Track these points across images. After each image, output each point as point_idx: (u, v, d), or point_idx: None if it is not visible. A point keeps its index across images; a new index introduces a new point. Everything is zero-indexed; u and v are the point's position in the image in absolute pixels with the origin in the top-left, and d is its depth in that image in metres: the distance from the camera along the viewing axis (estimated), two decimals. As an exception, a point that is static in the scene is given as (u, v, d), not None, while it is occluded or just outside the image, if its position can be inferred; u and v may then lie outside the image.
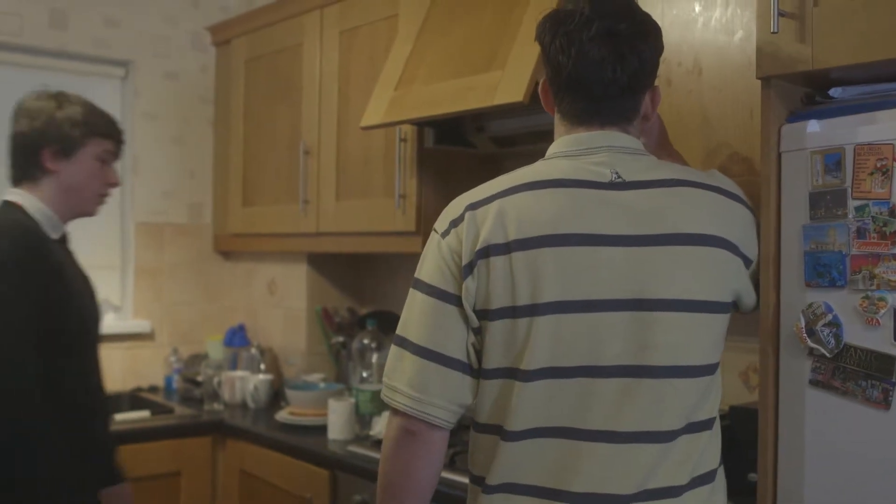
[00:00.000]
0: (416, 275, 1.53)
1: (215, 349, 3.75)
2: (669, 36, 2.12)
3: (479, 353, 1.49)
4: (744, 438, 1.89)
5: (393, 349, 1.53)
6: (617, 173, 1.49)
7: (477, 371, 1.50)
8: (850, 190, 1.51)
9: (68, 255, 2.22)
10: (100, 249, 3.81)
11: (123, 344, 3.83)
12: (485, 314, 1.46)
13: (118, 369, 3.81)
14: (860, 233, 1.49)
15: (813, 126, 1.57)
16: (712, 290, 1.48)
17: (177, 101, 3.99)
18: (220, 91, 4.02)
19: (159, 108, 3.94)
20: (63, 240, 2.21)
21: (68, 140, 2.12)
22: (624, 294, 1.43)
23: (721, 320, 1.51)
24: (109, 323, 3.84)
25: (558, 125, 1.58)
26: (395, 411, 1.51)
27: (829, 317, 1.53)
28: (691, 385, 1.46)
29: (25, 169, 2.14)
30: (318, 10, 3.32)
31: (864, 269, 1.49)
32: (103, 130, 2.18)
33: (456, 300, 1.47)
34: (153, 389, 3.84)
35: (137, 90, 3.88)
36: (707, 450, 1.50)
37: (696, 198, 1.51)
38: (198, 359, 3.78)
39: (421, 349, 1.48)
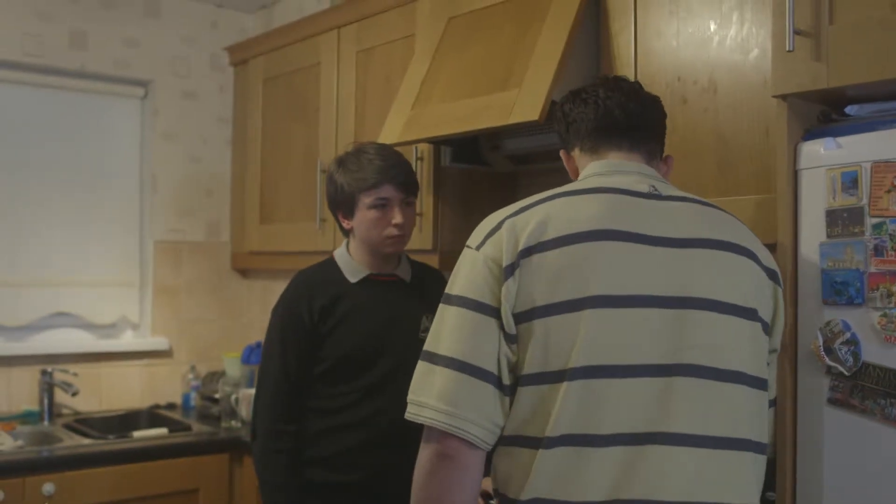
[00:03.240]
0: (447, 290, 1.49)
1: (233, 366, 3.77)
2: (685, 54, 2.13)
3: (512, 367, 1.43)
4: (762, 457, 1.88)
5: (420, 366, 1.47)
6: (654, 187, 1.52)
7: (508, 388, 1.43)
8: (867, 207, 1.51)
9: None
10: (118, 267, 3.84)
11: (141, 361, 3.85)
12: (528, 315, 1.41)
13: (136, 386, 3.83)
14: (878, 250, 1.49)
15: (829, 144, 1.57)
16: (753, 299, 1.47)
17: (195, 121, 4.02)
18: (238, 110, 4.05)
19: (178, 127, 3.97)
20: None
21: None
22: (667, 291, 1.41)
23: (762, 335, 1.48)
24: (128, 340, 3.87)
25: (584, 159, 1.63)
26: (428, 436, 1.44)
27: (847, 335, 1.53)
28: (739, 393, 1.42)
29: None
30: (335, 31, 3.35)
31: (882, 286, 1.48)
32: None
33: (492, 311, 1.42)
34: (171, 407, 3.85)
35: (156, 110, 3.91)
36: (752, 475, 1.45)
37: (722, 216, 1.54)
38: (215, 376, 3.79)
39: (453, 361, 1.42)
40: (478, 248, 1.48)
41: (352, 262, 2.31)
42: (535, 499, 1.39)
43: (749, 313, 1.46)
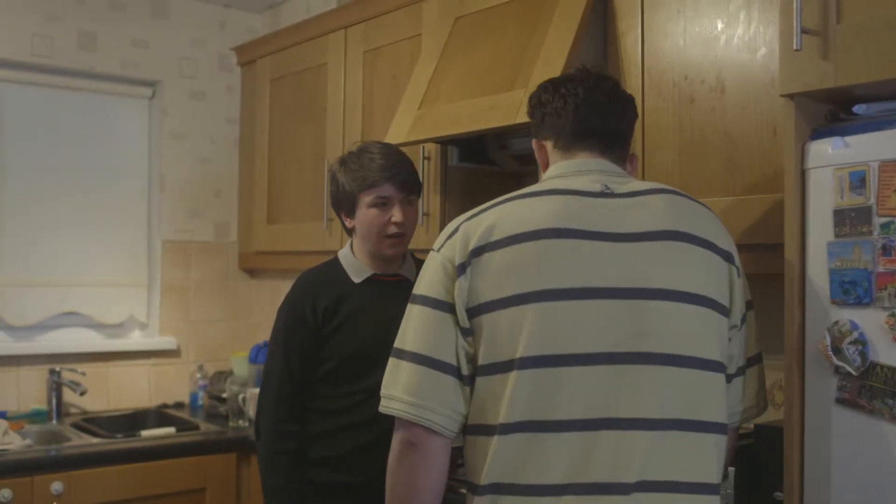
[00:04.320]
0: (413, 291, 1.60)
1: (240, 366, 3.77)
2: (692, 53, 2.13)
3: (471, 358, 1.52)
4: (769, 457, 1.87)
5: (390, 362, 1.58)
6: (606, 186, 1.57)
7: (468, 378, 1.53)
8: (874, 207, 1.50)
9: None
10: (127, 267, 3.85)
11: (149, 361, 3.87)
12: (478, 310, 1.50)
13: (144, 386, 3.84)
14: (886, 250, 1.49)
15: (837, 143, 1.57)
16: (706, 286, 1.50)
17: (203, 121, 4.03)
18: (246, 110, 4.06)
19: (186, 127, 3.98)
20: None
21: None
22: (617, 283, 1.47)
23: (718, 318, 1.52)
24: (136, 340, 3.88)
25: (555, 155, 1.67)
26: (397, 426, 1.55)
27: (855, 334, 1.52)
28: (693, 376, 1.46)
29: None
30: (342, 30, 3.35)
31: (890, 286, 1.48)
32: None
33: (448, 307, 1.53)
34: (179, 406, 3.87)
35: (165, 110, 3.92)
36: (710, 455, 1.49)
37: (685, 203, 1.58)
38: (223, 375, 3.81)
39: (417, 356, 1.53)
40: (438, 250, 1.59)
41: (356, 262, 2.31)
42: (493, 483, 1.47)
43: (703, 300, 1.50)
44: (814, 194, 1.60)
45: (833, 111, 1.65)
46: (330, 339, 2.23)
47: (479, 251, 1.51)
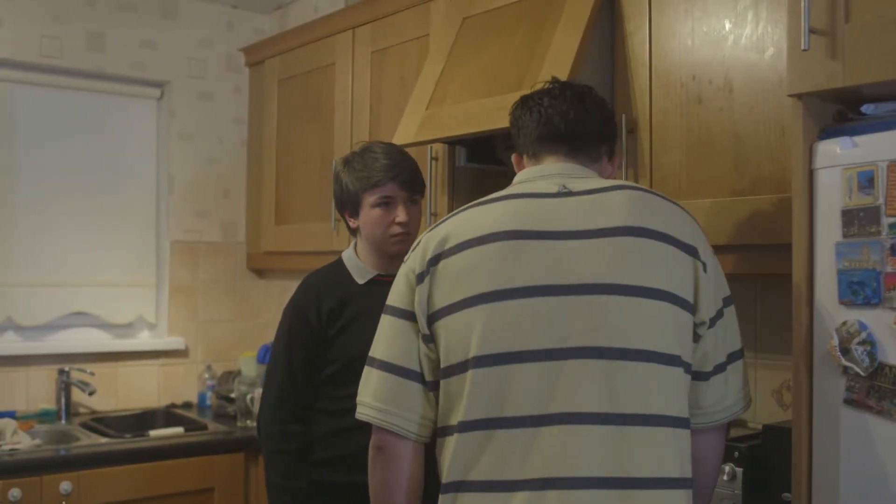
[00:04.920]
0: (385, 302, 1.66)
1: (248, 366, 3.78)
2: (700, 53, 2.12)
3: (434, 364, 1.58)
4: (777, 457, 1.87)
5: (364, 370, 1.66)
6: (564, 186, 1.59)
7: (432, 383, 1.58)
8: (883, 207, 1.50)
9: None
10: (135, 267, 3.86)
11: (158, 361, 3.88)
12: (435, 316, 1.55)
13: (153, 386, 3.85)
14: (894, 250, 1.48)
15: (845, 143, 1.57)
16: (665, 280, 1.49)
17: (211, 122, 4.04)
18: (254, 111, 4.07)
19: (194, 128, 4.00)
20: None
21: None
22: (566, 280, 1.48)
23: (677, 312, 1.50)
24: (144, 340, 3.89)
25: (528, 164, 1.72)
26: (371, 432, 1.63)
27: (864, 335, 1.52)
28: (649, 370, 1.46)
29: None
30: (349, 31, 3.36)
31: (899, 286, 1.47)
32: None
33: (409, 315, 1.59)
34: (187, 406, 3.88)
35: (173, 111, 3.94)
36: (671, 449, 1.47)
37: (646, 198, 1.58)
38: (231, 375, 3.82)
39: (383, 363, 1.61)
40: (405, 262, 1.66)
41: (359, 264, 2.32)
42: (453, 481, 1.51)
43: (660, 294, 1.49)
44: (822, 194, 1.60)
45: (841, 111, 1.65)
46: (334, 340, 2.24)
47: (435, 260, 1.57)
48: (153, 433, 3.26)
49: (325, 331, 2.24)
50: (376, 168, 2.23)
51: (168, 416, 3.71)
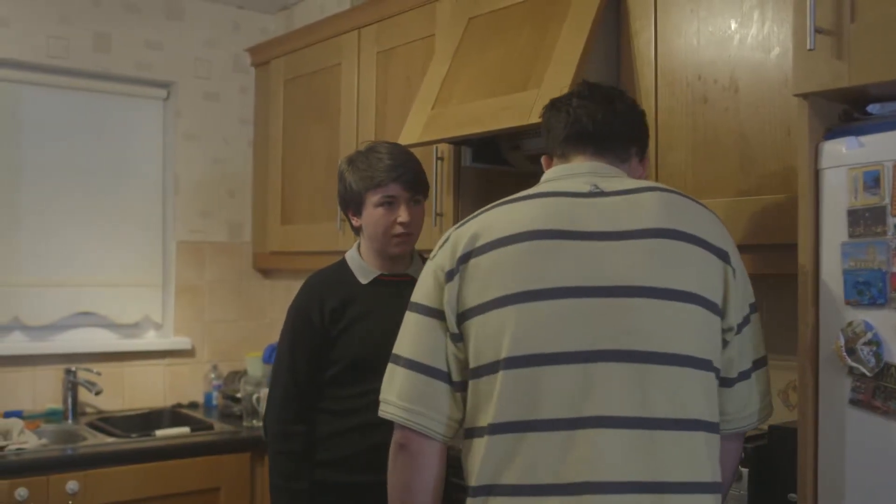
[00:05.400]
0: (410, 299, 1.64)
1: (254, 366, 3.79)
2: (705, 53, 2.12)
3: (462, 364, 1.56)
4: (783, 458, 1.87)
5: (388, 367, 1.63)
6: (596, 185, 1.57)
7: (459, 384, 1.56)
8: (889, 207, 1.49)
9: None
10: (141, 267, 3.87)
11: (164, 360, 3.88)
12: (465, 315, 1.54)
13: (159, 386, 3.86)
14: (900, 250, 1.48)
15: (851, 143, 1.56)
16: (697, 283, 1.49)
17: (217, 122, 4.05)
18: (260, 111, 4.08)
19: (200, 128, 4.00)
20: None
21: None
22: (600, 282, 1.47)
23: (707, 316, 1.49)
24: (151, 340, 3.90)
25: (555, 164, 1.70)
26: (394, 430, 1.61)
27: (870, 335, 1.51)
28: (681, 374, 1.45)
29: None
30: (355, 31, 3.36)
31: (905, 287, 1.47)
32: None
33: (438, 314, 1.57)
34: (193, 406, 3.88)
35: (179, 111, 3.94)
36: (702, 454, 1.47)
37: (678, 201, 1.57)
38: (237, 375, 3.82)
39: (409, 362, 1.58)
40: (432, 258, 1.63)
41: (362, 264, 2.32)
42: (484, 485, 1.49)
43: (692, 297, 1.48)
44: (828, 194, 1.59)
45: (847, 111, 1.65)
46: (337, 340, 2.24)
47: (465, 257, 1.55)
48: (159, 433, 3.27)
49: (328, 331, 2.24)
50: (380, 168, 2.23)
51: (174, 415, 3.71)
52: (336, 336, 2.24)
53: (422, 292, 1.61)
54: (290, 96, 3.77)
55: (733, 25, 2.06)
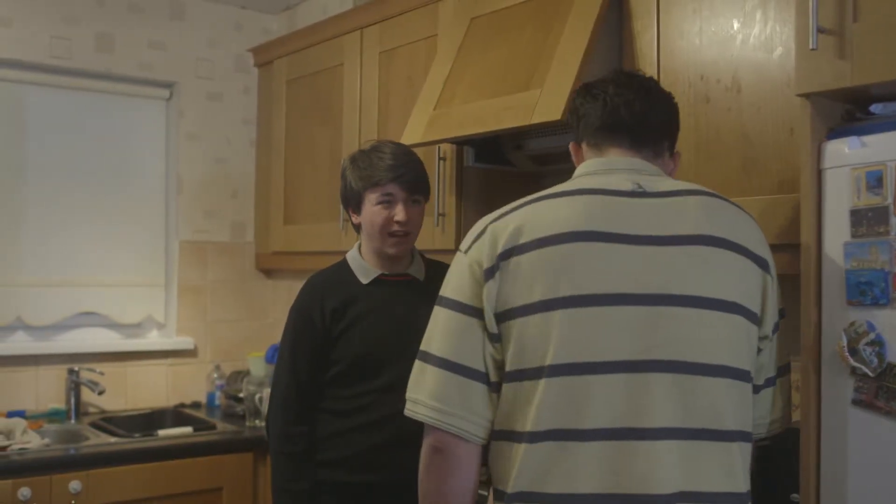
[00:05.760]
0: (440, 293, 1.57)
1: (257, 366, 3.79)
2: (708, 53, 2.12)
3: (498, 364, 1.50)
4: (786, 459, 1.87)
5: (415, 364, 1.56)
6: (639, 184, 1.53)
7: (496, 384, 1.51)
8: (891, 207, 1.49)
9: None
10: (144, 267, 3.88)
11: (167, 360, 3.89)
12: (506, 315, 1.48)
13: (161, 385, 3.86)
14: (903, 250, 1.47)
15: (854, 143, 1.56)
16: (738, 293, 1.47)
17: (220, 122, 4.05)
18: (262, 111, 4.08)
19: (203, 128, 4.00)
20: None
21: None
22: (645, 289, 1.43)
23: (747, 326, 1.48)
24: (153, 340, 3.90)
25: (588, 154, 1.65)
26: (426, 432, 1.54)
27: (872, 335, 1.51)
28: (720, 385, 1.44)
29: None
30: (357, 31, 3.36)
31: (908, 287, 1.47)
32: None
33: (475, 311, 1.50)
34: (196, 405, 3.89)
35: (181, 111, 3.95)
36: (737, 464, 1.46)
37: (721, 206, 1.55)
38: (240, 375, 3.82)
39: (443, 361, 1.51)
40: (465, 252, 1.55)
41: (363, 263, 2.32)
42: (520, 492, 1.45)
43: (734, 307, 1.46)
44: (830, 194, 1.59)
45: (850, 110, 1.65)
46: (339, 340, 2.24)
47: (506, 254, 1.48)
48: (162, 433, 3.27)
49: (329, 331, 2.24)
50: (380, 167, 2.24)
51: (177, 415, 3.72)
52: (337, 336, 2.24)
53: (455, 287, 1.54)
54: (293, 96, 3.77)
55: (736, 25, 2.06)
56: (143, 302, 3.87)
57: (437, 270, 2.42)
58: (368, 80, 3.29)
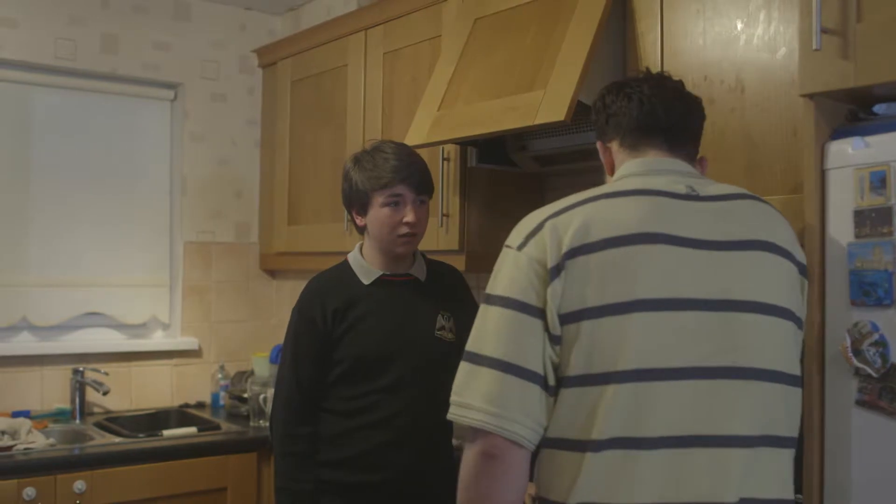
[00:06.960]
0: (488, 291, 1.48)
1: (261, 366, 3.79)
2: (711, 53, 2.12)
3: (555, 368, 1.43)
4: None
5: (463, 366, 1.46)
6: (691, 187, 1.51)
7: (553, 388, 1.43)
8: (895, 208, 1.49)
9: None
10: (149, 268, 3.88)
11: (171, 360, 3.89)
12: (573, 316, 1.41)
13: (166, 386, 3.87)
14: (906, 251, 1.47)
15: (857, 143, 1.56)
16: (788, 298, 1.47)
17: (224, 123, 4.06)
18: (267, 112, 4.08)
19: (207, 129, 4.01)
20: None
21: None
22: (710, 294, 1.41)
23: (796, 332, 1.49)
24: (158, 340, 3.91)
25: (621, 154, 1.61)
26: (474, 437, 1.44)
27: (876, 336, 1.51)
28: (778, 391, 1.43)
29: None
30: (362, 32, 3.36)
31: (911, 287, 1.47)
32: None
33: (536, 311, 1.42)
34: (200, 406, 3.89)
35: (186, 112, 3.95)
36: (789, 471, 1.47)
37: (768, 211, 1.54)
38: (244, 375, 3.83)
39: (498, 362, 1.41)
40: (519, 248, 1.47)
41: (364, 264, 2.32)
42: (583, 503, 1.39)
43: (786, 313, 1.46)
44: (834, 195, 1.59)
45: (853, 111, 1.65)
46: (341, 341, 2.24)
47: (573, 253, 1.41)
48: (166, 433, 3.27)
49: (331, 332, 2.24)
50: (387, 168, 2.24)
51: (181, 415, 3.72)
52: (339, 337, 2.24)
53: (510, 285, 1.44)
54: (297, 97, 3.78)
55: (739, 26, 2.06)
56: (148, 302, 3.88)
57: (439, 269, 2.42)
58: (372, 81, 3.30)
